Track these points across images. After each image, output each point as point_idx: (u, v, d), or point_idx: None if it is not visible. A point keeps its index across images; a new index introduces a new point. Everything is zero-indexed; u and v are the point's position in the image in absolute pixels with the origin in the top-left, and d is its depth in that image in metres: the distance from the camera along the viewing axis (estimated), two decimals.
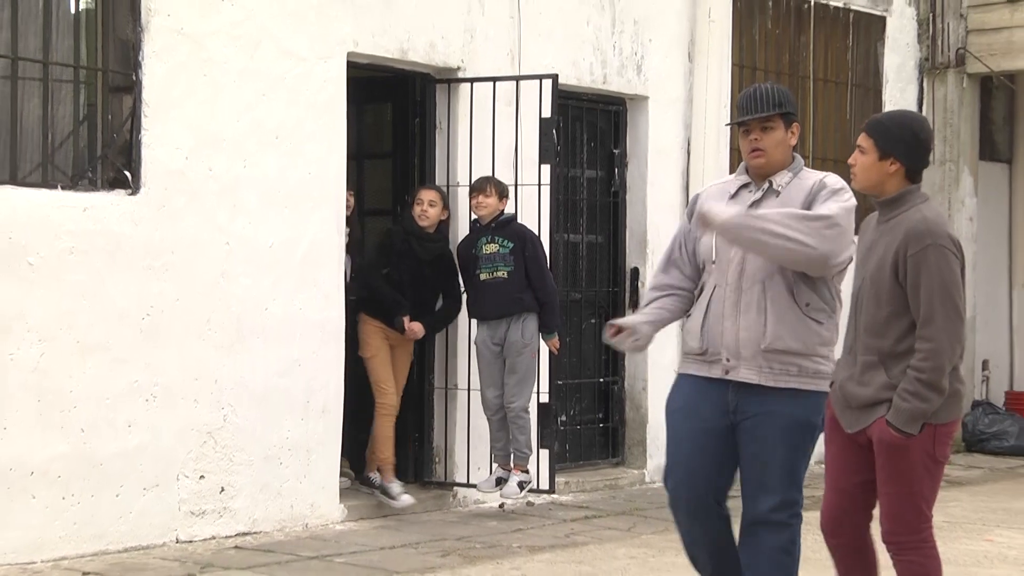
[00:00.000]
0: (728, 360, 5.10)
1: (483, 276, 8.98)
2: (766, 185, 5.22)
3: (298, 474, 8.45)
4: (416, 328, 8.80)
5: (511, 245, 9.02)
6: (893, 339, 4.78)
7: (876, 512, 5.02)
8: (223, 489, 8.14)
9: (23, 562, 7.24)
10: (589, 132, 10.46)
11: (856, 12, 12.45)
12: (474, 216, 9.07)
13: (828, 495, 5.04)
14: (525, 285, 9.04)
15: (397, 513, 8.87)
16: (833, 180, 5.21)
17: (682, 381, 5.39)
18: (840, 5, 12.28)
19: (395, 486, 8.67)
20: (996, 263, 13.96)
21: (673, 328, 9.90)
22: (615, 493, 10.17)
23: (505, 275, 9.03)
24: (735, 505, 5.20)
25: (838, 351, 5.14)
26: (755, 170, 5.27)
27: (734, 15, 11.19)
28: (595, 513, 9.40)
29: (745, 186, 5.29)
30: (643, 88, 10.61)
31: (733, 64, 11.19)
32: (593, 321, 10.60)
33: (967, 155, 13.15)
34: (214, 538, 8.04)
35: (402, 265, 8.84)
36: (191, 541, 7.94)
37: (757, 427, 5.12)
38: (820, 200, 5.09)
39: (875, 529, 5.08)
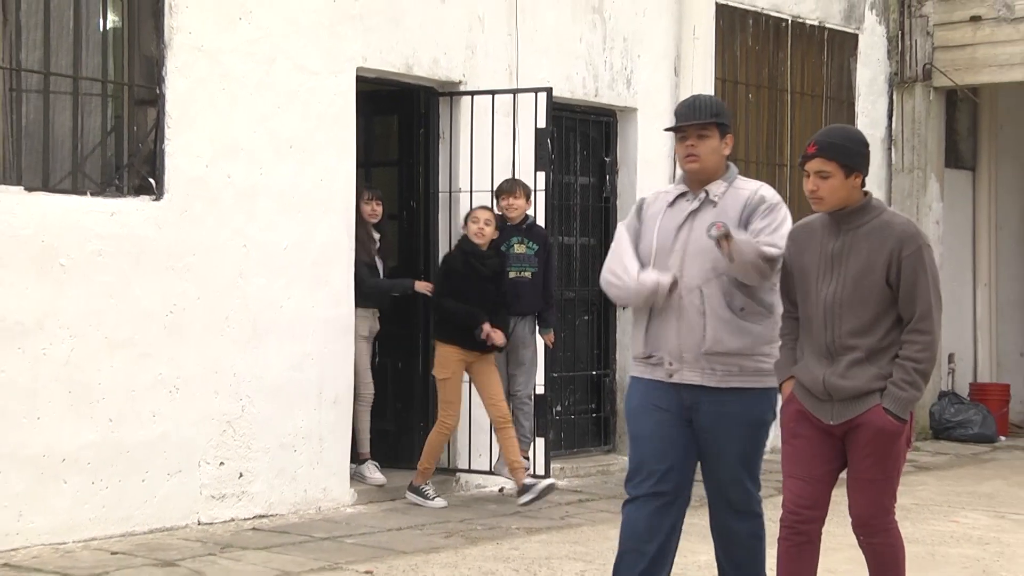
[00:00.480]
0: (671, 364, 5.07)
1: (511, 274, 8.96)
2: (703, 195, 5.14)
3: (311, 460, 8.47)
4: (497, 335, 8.69)
5: (536, 247, 9.11)
6: (879, 336, 4.74)
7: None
8: (241, 475, 8.16)
9: (56, 543, 7.27)
10: (582, 142, 10.47)
11: (830, 30, 12.46)
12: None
13: (796, 485, 4.94)
14: (543, 285, 9.09)
15: (404, 496, 8.88)
16: (769, 194, 5.19)
17: (636, 383, 5.33)
18: (815, 23, 12.28)
19: (430, 490, 8.59)
20: (960, 264, 13.98)
21: None
22: (607, 478, 10.17)
23: (530, 275, 9.11)
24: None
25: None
26: (690, 175, 5.20)
27: (717, 33, 11.20)
28: (588, 497, 9.42)
29: (683, 195, 5.21)
30: (632, 101, 10.62)
31: (716, 78, 11.18)
32: (586, 318, 10.64)
33: (934, 163, 13.17)
34: (233, 520, 8.06)
35: (466, 285, 8.73)
36: (212, 523, 7.97)
37: (711, 425, 5.08)
38: (759, 215, 5.08)
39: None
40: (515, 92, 9.24)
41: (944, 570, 7.26)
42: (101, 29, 7.75)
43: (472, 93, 9.35)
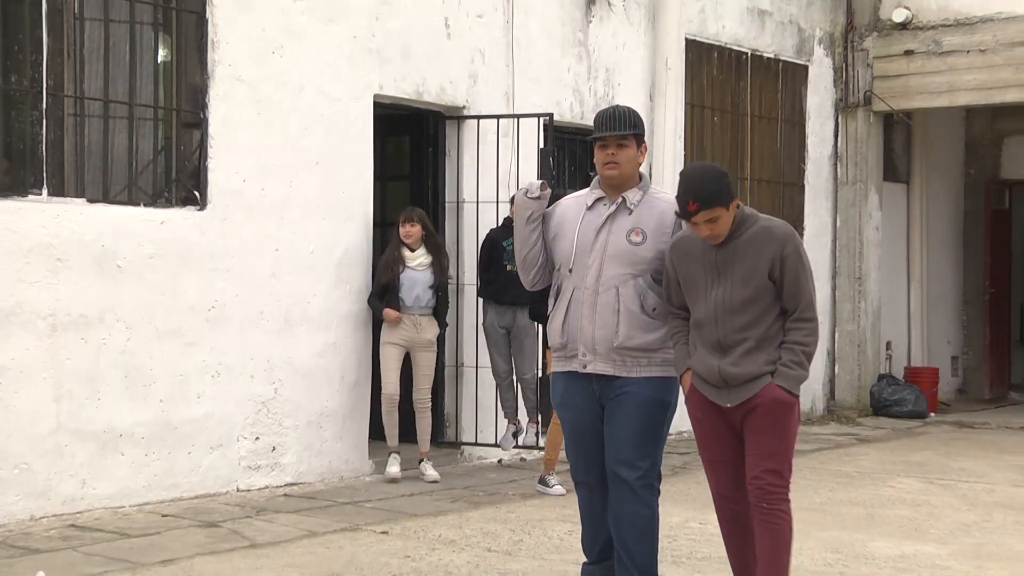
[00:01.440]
0: (585, 355, 4.93)
1: (509, 268, 8.75)
2: (620, 200, 4.99)
3: (335, 436, 8.49)
4: None
5: None
6: (766, 326, 4.63)
7: None
8: (274, 448, 8.17)
9: (114, 507, 7.31)
10: (570, 158, 10.41)
11: (784, 62, 12.46)
12: (508, 214, 8.75)
13: (716, 469, 4.83)
14: None
15: (415, 467, 8.84)
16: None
17: (557, 378, 5.19)
18: (771, 56, 12.28)
19: (552, 479, 8.31)
20: (896, 264, 14.01)
21: None
22: None
23: None
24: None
25: None
26: (608, 181, 5.01)
27: (686, 64, 11.18)
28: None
29: (600, 199, 5.04)
30: None
31: (686, 103, 11.17)
32: None
33: (873, 177, 13.18)
34: (267, 488, 8.07)
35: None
36: (249, 490, 7.98)
37: (618, 407, 4.94)
38: (676, 230, 4.91)
39: None
40: (518, 117, 9.21)
41: (882, 528, 7.25)
42: (153, 62, 7.73)
43: (477, 117, 9.33)
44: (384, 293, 8.45)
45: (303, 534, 6.82)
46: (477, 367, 9.18)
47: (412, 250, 8.42)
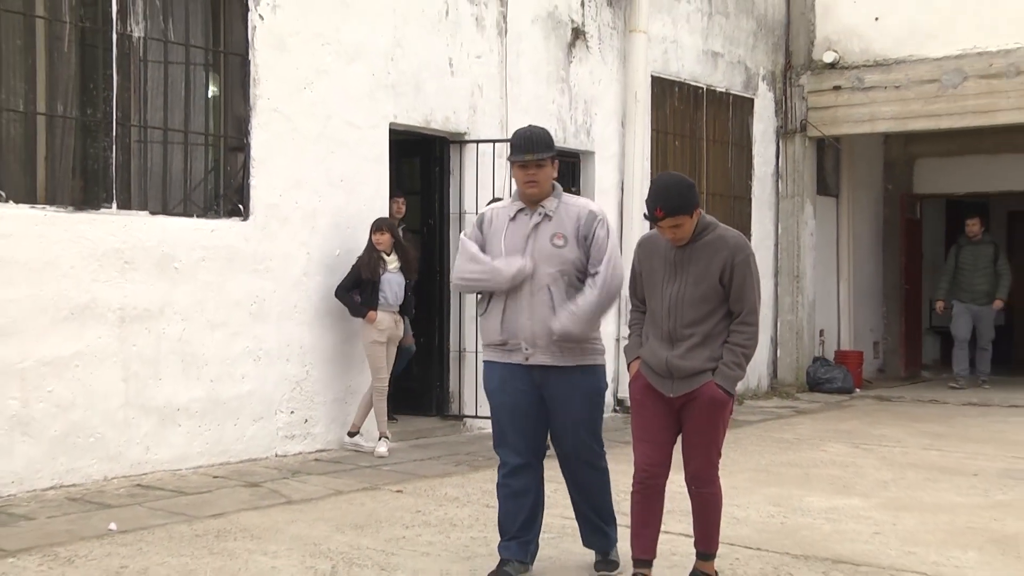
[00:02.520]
0: (527, 349, 4.75)
1: None
2: (540, 210, 4.83)
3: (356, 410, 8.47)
4: None
5: None
6: (712, 325, 4.48)
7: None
8: (307, 420, 8.17)
9: (173, 470, 7.34)
10: (562, 175, 10.39)
11: (734, 95, 12.45)
12: None
13: (644, 447, 4.62)
14: None
15: (425, 436, 8.81)
16: (597, 208, 4.92)
17: (492, 366, 4.92)
18: (723, 90, 12.27)
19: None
20: (827, 264, 14.04)
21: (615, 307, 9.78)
22: None
23: None
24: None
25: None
26: (529, 197, 4.84)
27: (652, 97, 11.16)
28: None
29: (522, 211, 4.87)
30: (591, 146, 10.56)
31: (652, 130, 11.13)
32: None
33: (808, 191, 13.21)
34: (300, 454, 8.08)
35: None
36: (285, 456, 7.99)
37: (560, 395, 4.79)
38: (594, 228, 4.79)
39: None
40: (510, 141, 9.13)
41: (815, 485, 7.28)
42: (204, 97, 7.74)
43: (476, 141, 9.31)
44: (355, 287, 8.13)
45: (331, 492, 6.83)
46: (476, 352, 9.18)
47: (387, 255, 8.22)
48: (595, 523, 4.94)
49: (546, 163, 4.80)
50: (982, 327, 12.15)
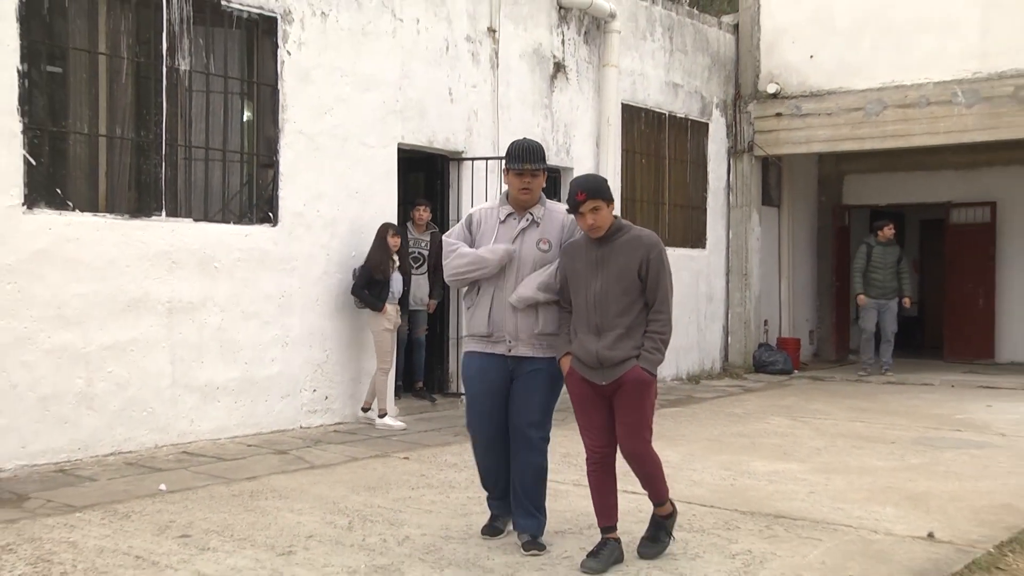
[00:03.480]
0: (510, 341, 4.61)
1: None
2: (528, 216, 4.67)
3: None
4: None
5: None
6: (632, 317, 4.33)
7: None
8: (327, 397, 8.18)
9: (213, 439, 7.35)
10: (545, 188, 10.42)
11: (692, 120, 12.48)
12: None
13: (589, 433, 4.48)
14: None
15: (428, 411, 8.81)
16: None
17: (472, 356, 4.76)
18: (683, 116, 12.30)
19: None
20: (771, 265, 14.07)
21: None
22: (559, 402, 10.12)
23: None
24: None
25: None
26: (522, 204, 4.67)
27: (622, 121, 11.16)
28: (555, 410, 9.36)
29: (511, 215, 4.69)
30: (570, 163, 10.56)
31: (622, 150, 11.14)
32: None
33: (755, 202, 13.24)
34: (321, 426, 8.08)
35: None
36: (308, 427, 7.99)
37: (529, 380, 4.64)
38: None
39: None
40: (501, 159, 9.06)
41: (760, 452, 7.31)
42: (240, 121, 7.75)
43: (472, 159, 9.33)
44: (369, 286, 8.05)
45: (347, 459, 6.85)
46: None
47: (394, 255, 8.21)
48: (528, 508, 4.70)
49: (539, 173, 4.66)
50: (886, 321, 12.10)
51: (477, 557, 4.53)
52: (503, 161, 4.71)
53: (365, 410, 8.25)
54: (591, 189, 4.32)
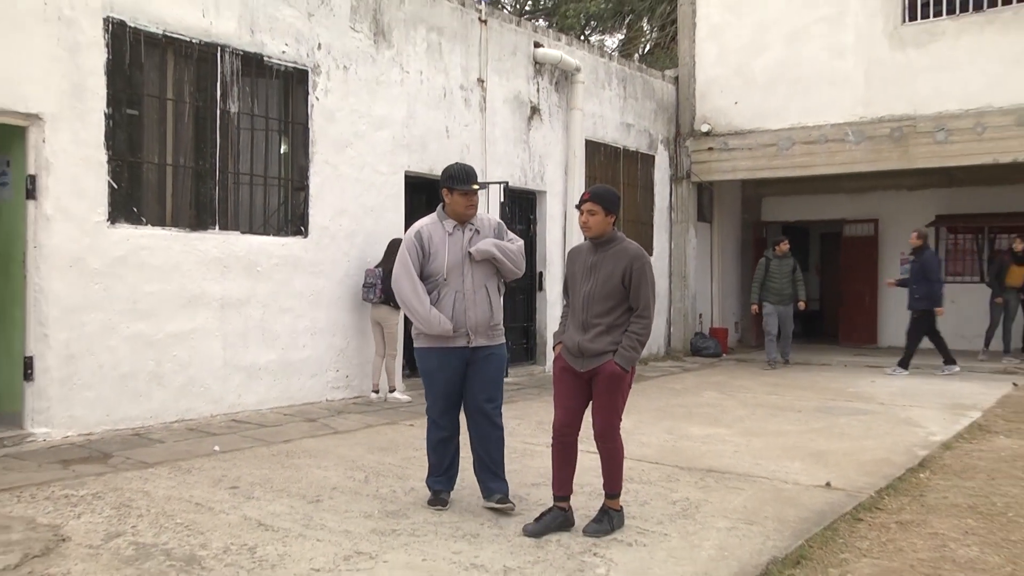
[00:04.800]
0: (469, 334, 4.37)
1: None
2: (471, 226, 4.44)
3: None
4: None
5: None
6: (614, 317, 4.10)
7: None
8: (347, 376, 8.17)
9: (255, 410, 7.33)
10: (520, 208, 10.44)
11: (642, 153, 12.52)
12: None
13: (560, 412, 4.22)
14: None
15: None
16: (500, 221, 4.61)
17: (431, 353, 4.43)
18: (635, 150, 12.32)
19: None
20: (704, 269, 14.13)
21: (557, 292, 9.74)
22: (532, 378, 10.19)
23: None
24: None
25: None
26: (465, 218, 4.42)
27: (586, 154, 11.16)
28: (522, 386, 9.38)
29: (456, 227, 4.43)
30: (544, 187, 10.60)
31: (586, 176, 11.14)
32: (520, 297, 10.58)
33: (692, 219, 13.29)
34: (343, 399, 8.07)
35: None
36: (332, 400, 7.99)
37: (484, 364, 4.43)
38: (506, 234, 4.52)
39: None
40: (488, 184, 9.16)
41: (695, 420, 7.33)
42: (278, 153, 7.75)
43: None
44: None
45: (364, 426, 6.86)
46: None
47: None
48: (494, 471, 4.49)
49: (477, 192, 4.43)
50: (785, 323, 11.73)
51: (469, 505, 4.56)
52: (443, 182, 4.44)
53: (376, 392, 8.21)
54: (595, 195, 4.16)
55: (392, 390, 8.17)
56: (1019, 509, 4.65)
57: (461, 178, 4.39)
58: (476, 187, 4.40)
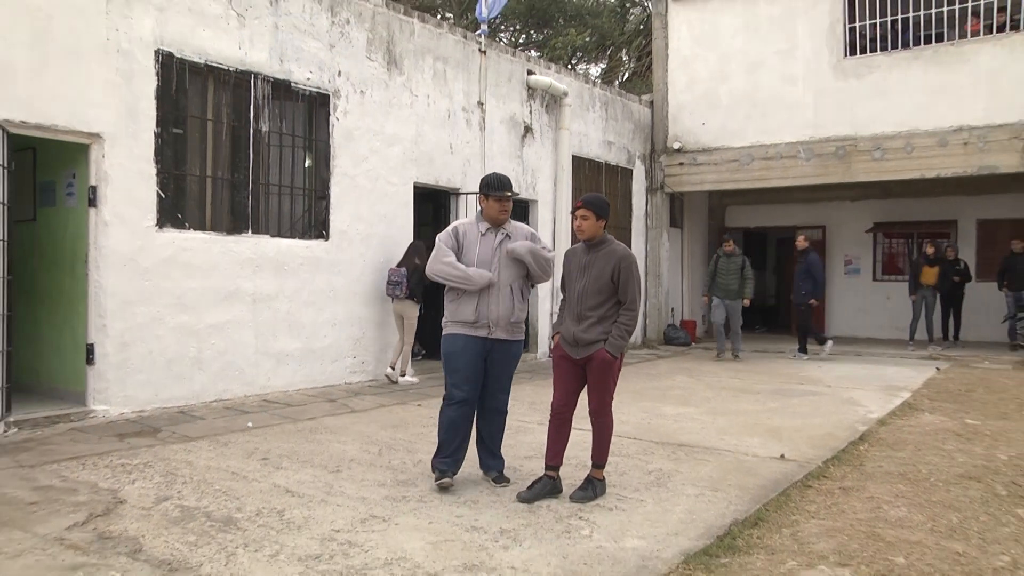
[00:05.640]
0: (491, 327, 4.25)
1: None
2: (503, 231, 4.34)
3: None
4: None
5: None
6: (605, 310, 4.08)
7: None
8: (363, 362, 8.16)
9: (283, 391, 7.31)
10: (515, 215, 10.19)
11: (621, 167, 12.51)
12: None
13: (557, 393, 4.20)
14: None
15: (437, 372, 8.76)
16: (533, 230, 4.47)
17: (457, 336, 4.29)
18: (615, 164, 12.33)
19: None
20: (676, 269, 14.15)
21: (546, 289, 9.80)
22: (525, 363, 10.01)
23: None
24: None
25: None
26: (499, 222, 4.32)
27: (572, 168, 11.17)
28: (516, 371, 9.29)
29: (489, 230, 4.33)
30: (536, 197, 10.60)
31: (572, 188, 11.15)
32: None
33: (665, 225, 13.31)
34: (359, 383, 8.06)
35: None
36: (350, 383, 7.97)
37: (502, 358, 4.32)
38: (539, 241, 4.43)
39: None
40: (489, 181, 9.15)
41: (668, 400, 7.35)
42: (303, 166, 7.74)
43: (467, 194, 9.32)
44: (415, 287, 8.00)
45: (378, 406, 6.86)
46: None
47: None
48: (494, 451, 4.46)
49: (511, 199, 4.35)
50: (733, 317, 11.38)
51: (470, 476, 4.57)
52: (481, 188, 4.38)
53: (393, 367, 8.21)
54: (587, 202, 4.15)
55: (403, 374, 8.19)
56: (939, 475, 4.71)
57: (496, 185, 4.32)
58: (509, 194, 4.30)
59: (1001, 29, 10.59)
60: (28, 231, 6.62)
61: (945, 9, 11.02)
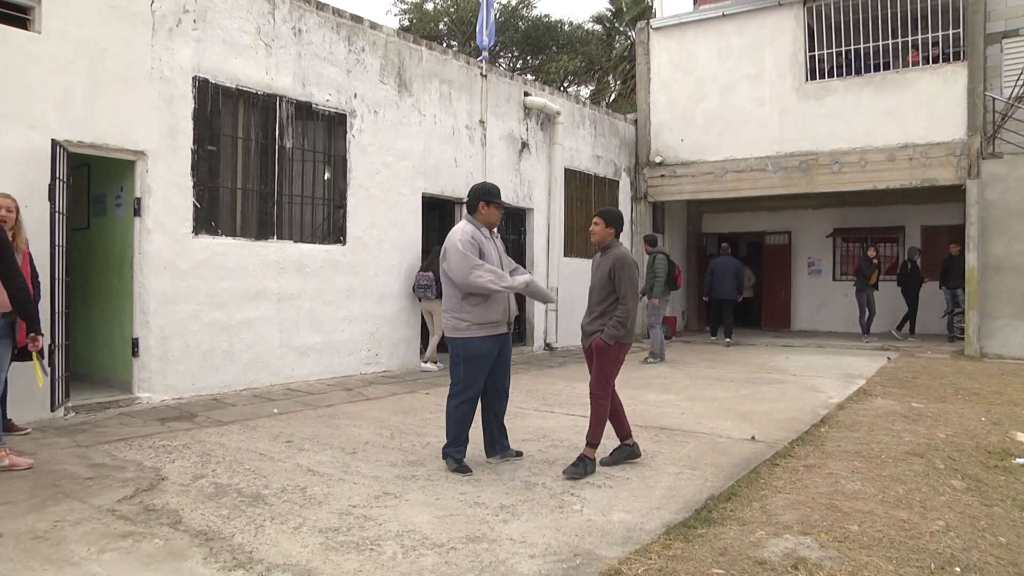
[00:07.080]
0: (507, 323, 4.25)
1: None
2: (496, 233, 4.39)
3: (405, 350, 8.45)
4: None
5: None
6: (606, 305, 4.19)
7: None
8: (377, 355, 8.15)
9: (305, 380, 7.29)
10: (512, 222, 10.43)
11: (609, 179, 12.49)
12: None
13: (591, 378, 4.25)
14: None
15: (444, 363, 8.69)
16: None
17: (485, 340, 4.19)
18: (603, 176, 12.27)
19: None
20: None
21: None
22: (522, 356, 10.13)
23: None
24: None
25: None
26: (494, 224, 4.31)
27: (565, 179, 11.15)
28: (514, 362, 9.27)
29: (490, 234, 4.33)
30: (532, 205, 10.59)
31: (565, 198, 11.12)
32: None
33: (648, 230, 13.31)
34: (374, 373, 8.04)
35: None
36: (365, 374, 7.96)
37: (507, 346, 4.31)
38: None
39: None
40: (488, 189, 9.11)
41: (651, 389, 7.33)
42: (323, 179, 7.73)
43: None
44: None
45: (390, 394, 6.85)
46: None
47: None
48: (505, 433, 4.45)
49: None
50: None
51: (472, 456, 4.57)
52: (483, 196, 4.32)
53: (427, 361, 8.23)
54: (600, 212, 4.32)
55: (426, 360, 8.24)
56: (889, 452, 4.75)
57: (496, 194, 4.33)
58: (503, 202, 4.40)
59: (936, 60, 10.99)
60: (83, 238, 6.69)
61: (891, 42, 11.54)
